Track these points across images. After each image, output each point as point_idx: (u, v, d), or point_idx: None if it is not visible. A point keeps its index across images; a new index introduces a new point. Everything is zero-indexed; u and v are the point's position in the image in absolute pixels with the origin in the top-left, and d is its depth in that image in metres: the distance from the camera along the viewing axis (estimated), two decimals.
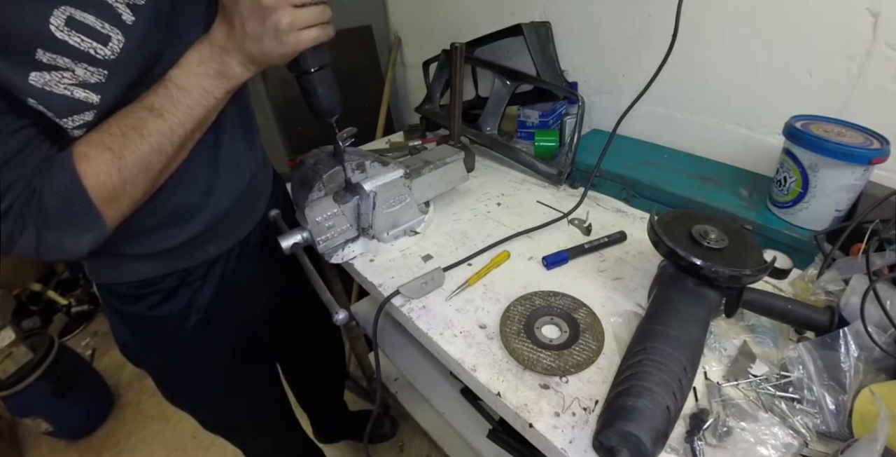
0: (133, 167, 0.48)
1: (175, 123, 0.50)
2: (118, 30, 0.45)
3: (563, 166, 0.96)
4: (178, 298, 0.70)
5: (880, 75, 0.70)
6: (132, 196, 0.51)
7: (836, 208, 0.70)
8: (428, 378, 1.24)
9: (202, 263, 0.71)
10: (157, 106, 0.49)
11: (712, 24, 0.84)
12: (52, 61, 0.42)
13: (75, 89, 0.44)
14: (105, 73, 0.46)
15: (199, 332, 0.74)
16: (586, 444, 0.48)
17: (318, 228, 0.72)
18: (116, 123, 0.47)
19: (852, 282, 0.55)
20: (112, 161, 0.47)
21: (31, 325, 1.97)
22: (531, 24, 1.06)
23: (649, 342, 0.50)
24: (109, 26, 0.45)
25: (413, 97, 1.73)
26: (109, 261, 0.65)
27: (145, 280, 0.67)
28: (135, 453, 1.59)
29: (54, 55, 0.42)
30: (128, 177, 0.48)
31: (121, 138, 0.47)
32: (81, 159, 0.46)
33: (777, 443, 0.47)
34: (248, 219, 0.76)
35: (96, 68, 0.45)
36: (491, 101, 1.09)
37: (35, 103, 0.43)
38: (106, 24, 0.45)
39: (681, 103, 0.97)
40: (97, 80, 0.45)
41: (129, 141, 0.47)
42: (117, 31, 0.45)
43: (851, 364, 0.49)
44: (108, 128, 0.47)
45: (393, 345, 1.31)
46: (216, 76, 0.51)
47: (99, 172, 0.46)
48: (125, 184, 0.48)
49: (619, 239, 0.78)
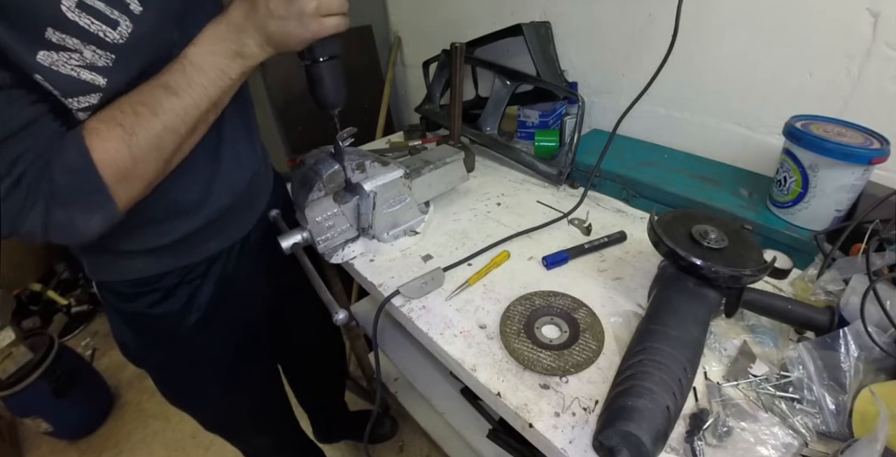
0: (145, 145, 0.47)
1: (189, 103, 0.49)
2: (126, 17, 0.46)
3: (563, 166, 0.96)
4: (178, 295, 0.70)
5: (880, 75, 0.70)
6: (143, 176, 0.50)
7: (836, 208, 0.70)
8: (428, 378, 1.24)
9: (202, 261, 0.70)
10: (172, 84, 0.48)
11: (712, 24, 0.84)
12: (61, 41, 0.42)
13: (82, 71, 0.44)
14: (113, 57, 0.46)
15: (200, 330, 0.74)
16: (586, 444, 0.48)
17: (318, 228, 0.72)
18: (129, 100, 0.47)
19: (852, 282, 0.55)
20: (123, 137, 0.46)
21: (31, 325, 1.96)
22: (531, 24, 1.06)
23: (649, 342, 0.50)
24: (118, 13, 0.45)
25: (413, 97, 1.73)
26: (108, 257, 0.64)
27: (145, 278, 0.66)
28: (135, 453, 1.59)
29: (64, 35, 0.42)
30: (139, 155, 0.47)
31: (132, 115, 0.46)
32: (92, 134, 0.45)
33: (777, 443, 0.47)
34: (249, 216, 0.76)
35: (104, 51, 0.45)
36: (491, 101, 1.09)
37: (41, 79, 0.43)
38: (115, 10, 0.45)
39: (681, 103, 0.96)
40: (104, 64, 0.45)
41: (140, 118, 0.47)
42: (126, 18, 0.46)
43: (851, 364, 0.49)
44: (121, 105, 0.47)
45: (393, 345, 1.31)
46: (233, 56, 0.51)
47: (109, 148, 0.45)
48: (136, 162, 0.47)
49: (619, 239, 0.78)
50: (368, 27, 1.54)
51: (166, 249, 0.64)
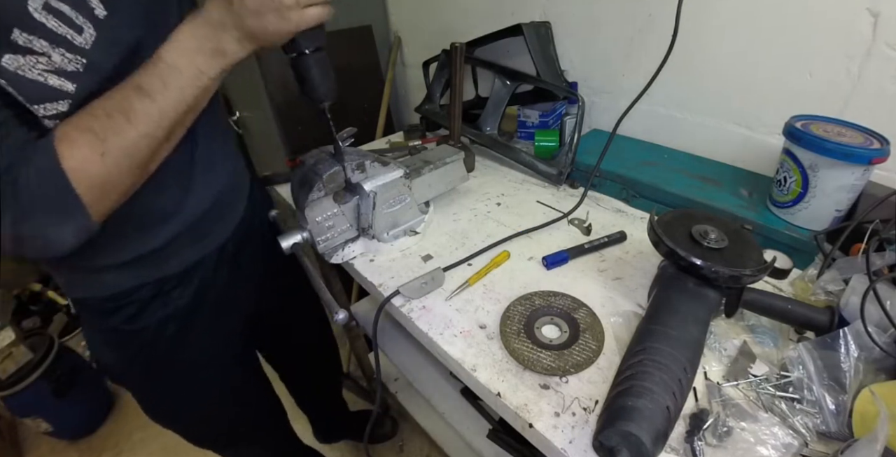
0: (119, 152, 0.45)
1: (165, 106, 0.47)
2: (90, 24, 0.44)
3: (563, 166, 0.96)
4: (156, 308, 0.67)
5: (880, 75, 0.70)
6: (117, 185, 0.47)
7: (836, 208, 0.70)
8: (428, 378, 1.24)
9: (179, 272, 0.67)
10: (146, 86, 0.46)
11: (712, 24, 0.84)
12: (28, 44, 0.41)
13: (50, 76, 0.43)
14: (83, 61, 0.44)
15: (179, 342, 0.71)
16: (586, 444, 0.48)
17: (318, 228, 0.72)
18: (101, 105, 0.45)
19: (852, 282, 0.55)
20: (94, 144, 0.43)
21: (31, 325, 1.96)
22: (531, 24, 1.06)
23: (649, 342, 0.50)
24: (83, 18, 0.44)
25: (413, 97, 1.73)
26: (83, 272, 0.61)
27: (121, 292, 0.63)
28: (135, 453, 1.59)
29: (31, 37, 0.41)
30: (112, 162, 0.44)
31: (104, 120, 0.44)
32: (62, 141, 0.42)
33: (777, 443, 0.47)
34: (226, 222, 0.73)
35: (74, 55, 0.43)
36: (491, 101, 1.09)
37: (5, 84, 0.41)
38: (80, 15, 0.43)
39: (681, 103, 0.96)
40: (74, 69, 0.44)
41: (113, 123, 0.44)
42: (89, 24, 0.44)
43: (851, 364, 0.49)
44: (93, 110, 0.44)
45: (393, 345, 1.31)
46: (210, 54, 0.48)
47: (80, 156, 0.43)
48: (110, 170, 0.45)
49: (619, 239, 0.78)
50: (368, 27, 1.54)
51: (143, 261, 0.62)
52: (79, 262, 0.57)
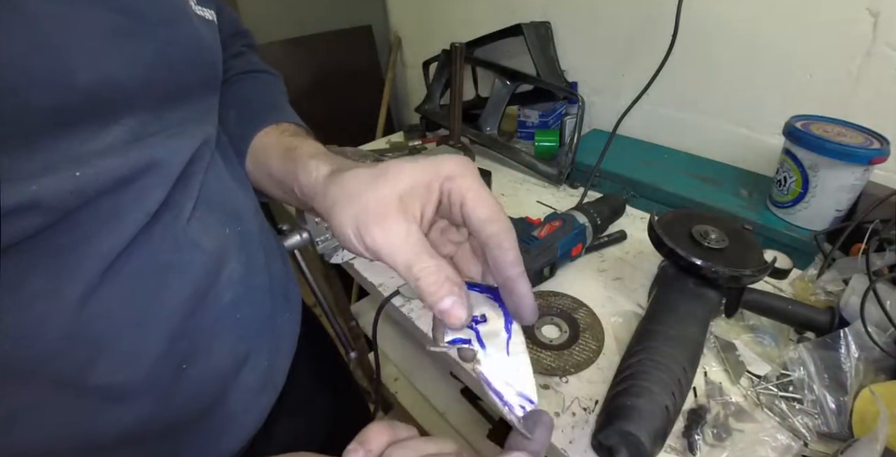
0: None
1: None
2: None
3: (563, 166, 0.96)
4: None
5: (880, 75, 0.70)
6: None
7: (836, 208, 0.70)
8: (428, 378, 1.24)
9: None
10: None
11: (712, 23, 0.84)
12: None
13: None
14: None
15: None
16: (586, 444, 0.48)
17: (317, 229, 0.72)
18: None
19: (852, 282, 0.55)
20: None
21: None
22: (531, 24, 1.06)
23: (649, 342, 0.50)
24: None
25: (413, 97, 1.73)
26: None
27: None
28: None
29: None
30: None
31: None
32: None
33: (777, 443, 0.47)
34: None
35: None
36: (491, 101, 1.09)
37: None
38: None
39: (681, 103, 0.96)
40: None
41: None
42: None
43: (852, 364, 0.49)
44: None
45: (393, 345, 1.31)
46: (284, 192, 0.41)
47: None
48: None
49: (619, 239, 0.78)
50: (368, 27, 1.54)
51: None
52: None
